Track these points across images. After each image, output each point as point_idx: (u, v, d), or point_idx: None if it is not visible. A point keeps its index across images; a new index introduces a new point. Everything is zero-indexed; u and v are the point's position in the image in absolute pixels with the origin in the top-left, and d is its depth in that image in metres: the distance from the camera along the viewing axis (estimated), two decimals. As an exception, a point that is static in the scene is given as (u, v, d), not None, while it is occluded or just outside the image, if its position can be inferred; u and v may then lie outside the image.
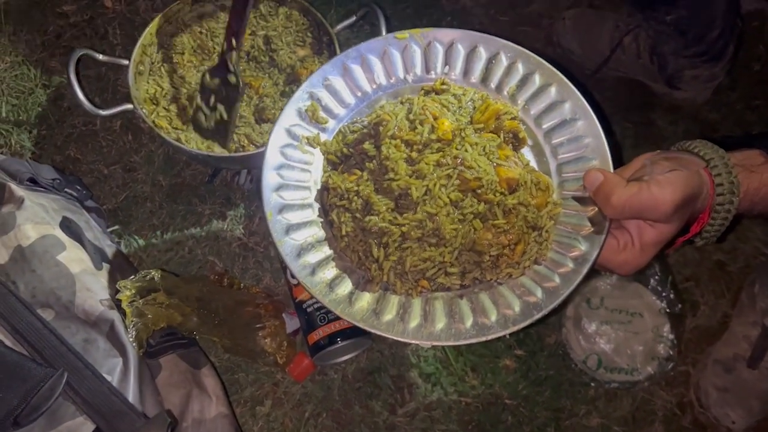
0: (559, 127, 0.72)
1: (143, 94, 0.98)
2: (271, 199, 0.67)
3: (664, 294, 1.03)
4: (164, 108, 0.98)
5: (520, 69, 0.74)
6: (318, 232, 0.67)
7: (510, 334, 0.96)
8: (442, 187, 0.63)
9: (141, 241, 1.03)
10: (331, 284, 0.64)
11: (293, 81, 1.00)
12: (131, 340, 0.71)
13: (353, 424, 0.94)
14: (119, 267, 0.84)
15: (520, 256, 0.64)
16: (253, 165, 1.01)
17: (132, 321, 0.73)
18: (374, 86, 0.76)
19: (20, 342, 0.68)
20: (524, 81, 0.74)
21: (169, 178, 1.08)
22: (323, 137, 0.73)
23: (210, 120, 0.94)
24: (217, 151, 0.95)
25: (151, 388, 0.69)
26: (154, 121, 0.95)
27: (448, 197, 0.63)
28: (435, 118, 0.67)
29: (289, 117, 0.72)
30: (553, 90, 0.73)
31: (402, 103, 0.72)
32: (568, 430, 0.97)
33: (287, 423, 0.93)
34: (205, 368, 0.82)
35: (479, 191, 0.63)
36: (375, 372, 0.97)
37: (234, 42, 0.90)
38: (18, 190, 0.79)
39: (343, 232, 0.66)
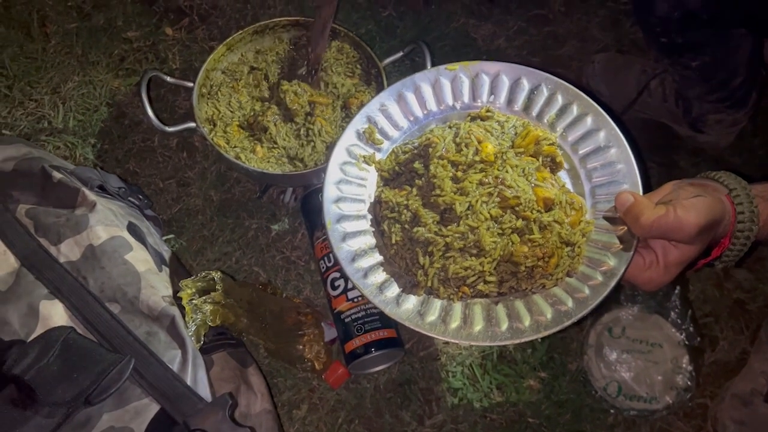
0: (593, 153, 0.76)
1: (203, 114, 1.06)
2: (330, 210, 0.73)
3: (683, 327, 1.06)
4: (222, 129, 1.06)
5: (559, 99, 0.80)
6: (370, 240, 0.73)
7: (534, 357, 1.02)
8: (484, 203, 0.69)
9: (192, 251, 1.09)
10: (381, 287, 0.70)
11: (344, 108, 1.08)
12: (190, 334, 0.76)
13: (383, 431, 0.98)
14: (176, 270, 0.90)
15: (553, 269, 0.68)
16: (299, 184, 1.08)
17: (191, 317, 0.79)
18: (425, 112, 0.82)
19: (91, 331, 0.74)
20: (563, 110, 0.79)
21: (220, 194, 1.15)
22: (378, 156, 0.80)
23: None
24: (271, 169, 1.02)
25: (204, 380, 0.74)
26: (212, 139, 1.02)
27: (489, 213, 0.68)
28: (479, 142, 0.72)
29: (348, 137, 0.79)
30: (589, 119, 0.78)
31: (450, 127, 0.78)
32: (588, 454, 1.00)
33: (321, 427, 0.97)
34: (252, 367, 0.87)
35: (518, 208, 0.68)
36: (405, 384, 1.01)
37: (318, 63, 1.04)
38: (90, 195, 0.86)
39: (393, 241, 0.72)
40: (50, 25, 1.29)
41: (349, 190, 0.76)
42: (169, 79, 1.07)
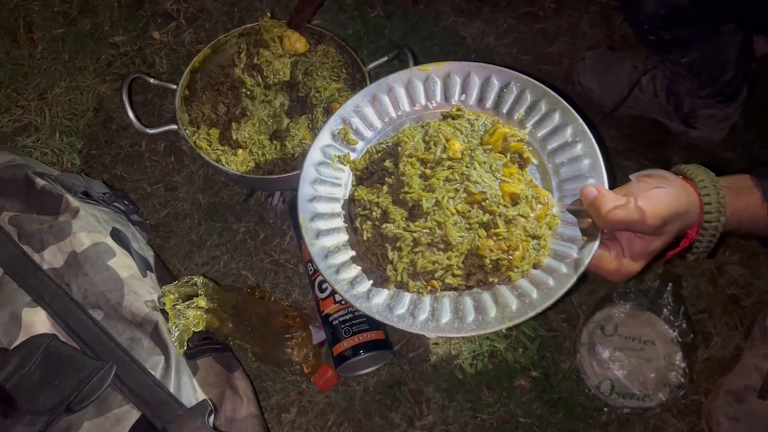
0: (560, 148, 0.78)
1: (186, 117, 1.06)
2: (305, 208, 0.75)
3: (676, 324, 1.06)
4: (205, 132, 1.05)
5: (528, 97, 0.81)
6: (343, 237, 0.75)
7: (525, 357, 1.02)
8: (450, 199, 0.70)
9: (180, 256, 1.09)
10: (353, 282, 0.71)
11: (328, 112, 1.07)
12: (173, 340, 0.76)
13: (373, 433, 0.98)
14: (161, 276, 0.90)
15: (519, 261, 0.69)
16: (286, 187, 1.08)
17: (174, 323, 0.78)
18: (399, 112, 0.84)
19: (73, 338, 0.74)
20: (532, 107, 0.81)
21: (207, 198, 1.15)
22: (353, 156, 0.81)
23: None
24: (252, 172, 1.02)
25: (189, 385, 0.73)
26: (195, 142, 1.02)
27: (456, 208, 0.70)
28: (447, 140, 0.74)
29: (324, 138, 0.80)
30: (557, 116, 0.79)
31: (422, 126, 0.79)
32: (581, 452, 0.99)
33: (311, 430, 0.97)
34: (238, 372, 0.87)
35: (484, 204, 0.70)
36: (395, 385, 1.01)
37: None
38: (74, 201, 0.86)
39: (365, 238, 0.73)
40: (36, 31, 1.29)
41: (324, 189, 0.78)
42: (152, 80, 1.07)
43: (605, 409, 1.02)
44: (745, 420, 0.98)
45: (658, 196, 0.65)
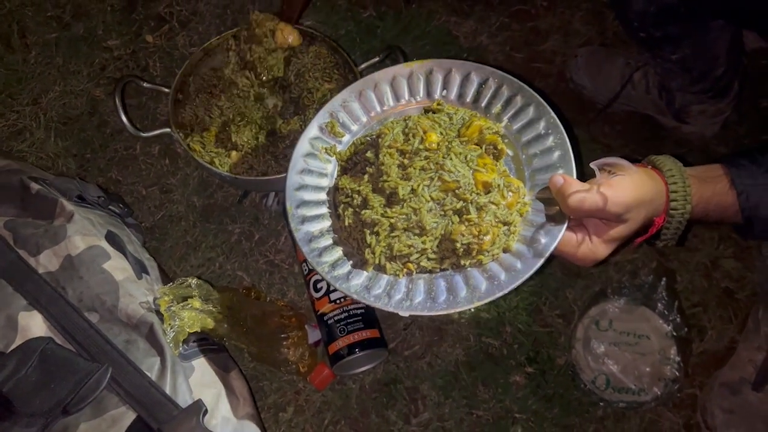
0: (534, 140, 0.81)
1: (180, 120, 1.06)
2: (292, 196, 0.79)
3: (670, 318, 1.06)
4: (199, 134, 1.06)
5: (505, 92, 0.84)
6: (327, 223, 0.79)
7: (520, 353, 1.02)
8: (425, 187, 0.74)
9: (175, 258, 1.09)
10: (334, 265, 0.75)
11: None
12: (168, 341, 0.77)
13: (370, 431, 0.98)
14: (156, 278, 0.90)
15: (489, 245, 0.72)
16: (280, 188, 1.08)
17: (169, 324, 0.79)
18: (384, 107, 0.87)
19: (69, 341, 0.75)
20: (508, 102, 0.84)
21: (202, 200, 1.15)
22: (339, 148, 0.85)
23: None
24: (246, 174, 1.03)
25: (185, 386, 0.74)
26: (189, 145, 1.03)
27: (431, 196, 0.74)
28: (424, 132, 0.78)
29: (312, 131, 0.84)
30: (531, 109, 0.82)
31: (404, 120, 0.82)
32: (577, 447, 1.00)
33: (308, 429, 0.98)
34: (234, 372, 0.87)
35: (458, 192, 0.73)
36: (391, 383, 1.01)
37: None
38: (68, 206, 0.86)
39: (346, 224, 0.77)
40: (30, 36, 1.29)
41: (311, 179, 0.81)
42: (145, 84, 1.08)
43: (601, 403, 1.02)
44: (739, 412, 0.98)
45: (621, 183, 0.67)
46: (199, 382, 0.80)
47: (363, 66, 1.11)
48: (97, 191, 0.97)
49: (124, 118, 1.01)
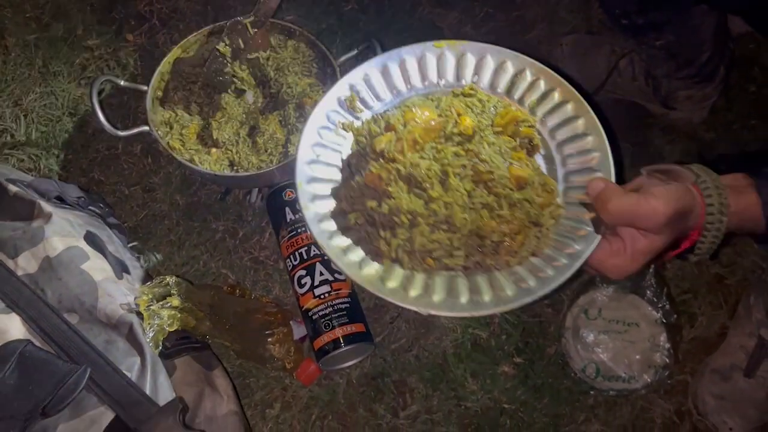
0: (570, 139, 0.77)
1: (159, 118, 1.06)
2: (303, 170, 0.73)
3: (660, 305, 1.06)
4: (178, 132, 1.05)
5: (541, 85, 0.80)
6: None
7: (509, 343, 1.02)
8: (457, 175, 0.69)
9: (159, 256, 1.09)
10: (345, 250, 0.69)
11: (300, 108, 1.07)
12: (148, 341, 0.76)
13: (357, 426, 0.98)
14: (138, 277, 0.90)
15: (519, 246, 0.68)
16: (261, 184, 1.08)
17: (149, 323, 0.79)
18: (408, 86, 0.82)
19: (48, 342, 0.74)
20: (544, 96, 0.79)
21: (185, 198, 1.14)
22: (356, 124, 0.79)
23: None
24: (225, 171, 1.02)
25: (166, 385, 0.74)
26: (168, 143, 1.02)
27: (464, 189, 0.68)
28: (459, 115, 0.73)
29: (329, 102, 0.79)
30: (569, 107, 0.78)
31: (432, 99, 0.78)
32: (568, 436, 0.99)
33: (295, 425, 0.97)
34: (217, 370, 0.87)
35: (490, 184, 0.69)
36: (378, 377, 1.01)
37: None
38: (47, 207, 0.86)
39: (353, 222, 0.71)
40: (9, 38, 1.28)
41: (324, 153, 0.76)
42: (122, 83, 1.07)
43: (591, 392, 1.02)
44: (731, 398, 0.98)
45: (665, 193, 0.64)
46: (181, 381, 0.80)
47: (342, 59, 1.10)
48: (77, 192, 0.96)
49: (101, 117, 1.00)
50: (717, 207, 0.65)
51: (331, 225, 0.71)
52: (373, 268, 0.69)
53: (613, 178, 0.72)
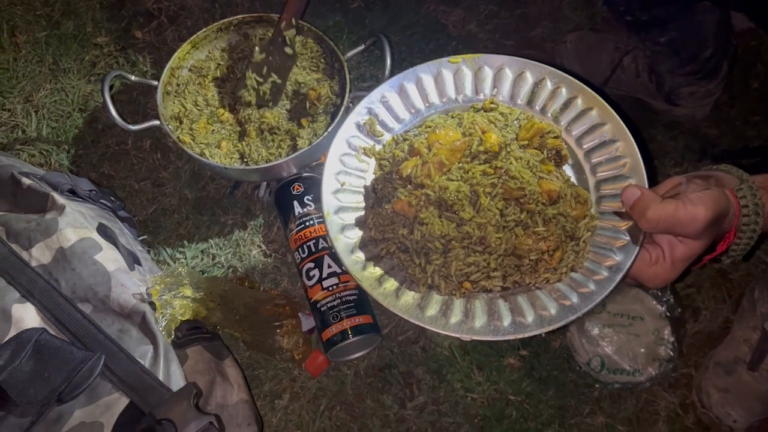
0: (598, 147, 0.75)
1: (169, 112, 1.07)
2: (329, 201, 0.72)
3: (664, 299, 1.06)
4: (188, 126, 1.07)
5: (563, 93, 0.78)
6: (369, 233, 0.72)
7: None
8: (488, 194, 0.67)
9: (169, 250, 1.10)
10: (380, 279, 0.68)
11: (304, 101, 1.08)
12: (161, 329, 0.77)
13: (365, 416, 0.99)
14: (149, 269, 0.91)
15: (557, 263, 0.67)
16: (270, 177, 1.09)
17: (161, 313, 0.80)
18: (427, 105, 0.81)
19: (63, 331, 0.75)
20: (567, 104, 0.78)
21: (194, 192, 1.16)
22: (378, 148, 0.79)
23: (260, 89, 1.04)
24: (235, 164, 1.04)
25: (178, 372, 0.74)
26: (178, 137, 1.03)
27: (496, 207, 0.66)
28: (483, 132, 0.71)
29: (349, 129, 0.78)
30: (594, 113, 0.76)
31: (453, 117, 0.76)
32: (573, 428, 1.00)
33: (304, 415, 0.98)
34: (228, 359, 0.88)
35: (522, 200, 0.67)
36: (385, 368, 1.02)
37: (293, 21, 1.02)
38: (60, 199, 0.87)
39: (384, 252, 0.70)
40: (20, 35, 1.29)
41: (348, 181, 0.75)
42: (133, 78, 1.08)
43: (596, 385, 1.03)
44: (734, 391, 0.98)
45: (704, 198, 0.63)
46: (192, 369, 0.81)
47: (349, 54, 1.11)
48: (89, 185, 0.97)
49: (112, 112, 1.01)
50: (752, 208, 0.64)
51: (362, 254, 0.70)
52: (410, 296, 0.67)
53: (646, 184, 0.70)
